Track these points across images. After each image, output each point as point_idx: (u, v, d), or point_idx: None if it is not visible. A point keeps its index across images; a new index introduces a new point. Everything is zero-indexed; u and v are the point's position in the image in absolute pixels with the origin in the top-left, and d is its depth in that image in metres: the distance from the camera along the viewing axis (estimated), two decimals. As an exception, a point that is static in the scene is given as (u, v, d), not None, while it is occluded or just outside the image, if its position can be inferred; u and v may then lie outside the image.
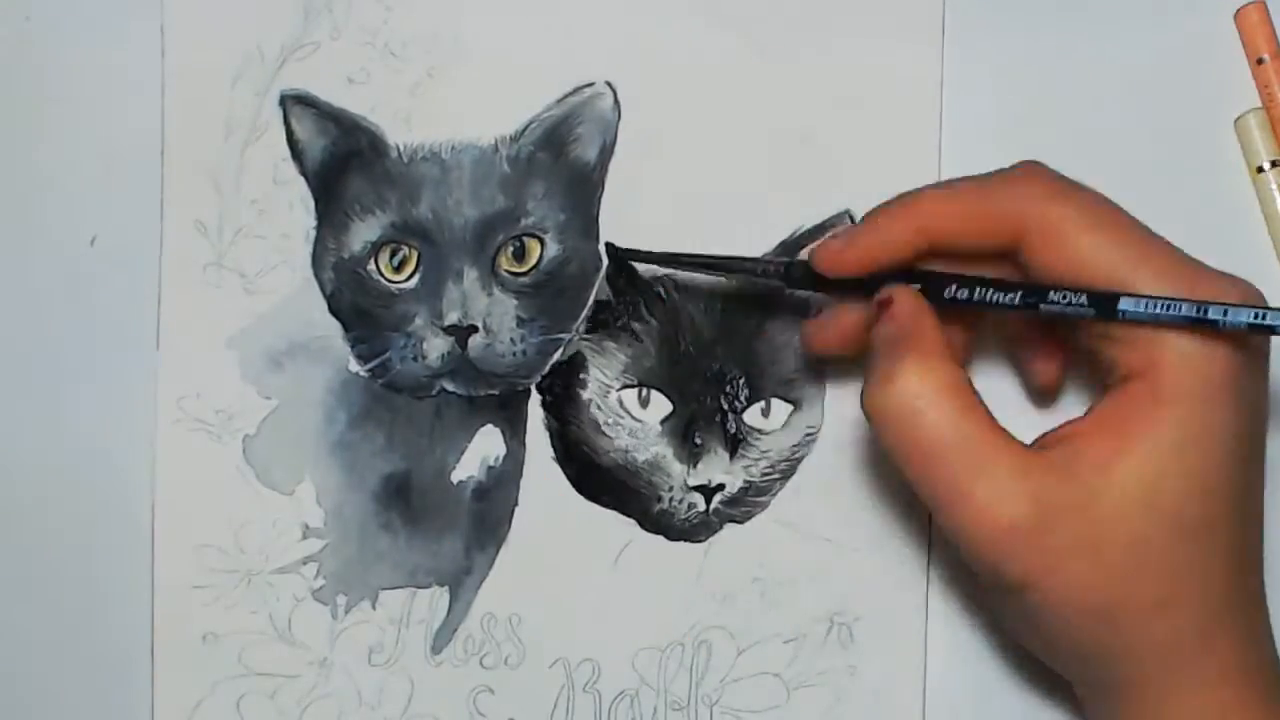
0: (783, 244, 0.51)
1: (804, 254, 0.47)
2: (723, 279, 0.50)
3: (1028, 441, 0.43)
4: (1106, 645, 0.42)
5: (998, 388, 0.49)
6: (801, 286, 0.46)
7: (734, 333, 0.51)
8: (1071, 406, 0.49)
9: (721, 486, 0.51)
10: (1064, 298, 0.42)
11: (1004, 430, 0.41)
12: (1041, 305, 0.42)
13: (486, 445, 0.51)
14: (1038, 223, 0.42)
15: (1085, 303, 0.41)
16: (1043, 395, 0.49)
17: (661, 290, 0.51)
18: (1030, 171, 0.44)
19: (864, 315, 0.45)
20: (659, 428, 0.51)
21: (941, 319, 0.43)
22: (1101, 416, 0.42)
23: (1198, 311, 0.40)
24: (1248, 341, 0.41)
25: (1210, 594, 0.41)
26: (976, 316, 0.47)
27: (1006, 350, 0.50)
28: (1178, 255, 0.42)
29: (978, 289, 0.43)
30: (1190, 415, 0.40)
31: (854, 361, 0.47)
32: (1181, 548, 0.41)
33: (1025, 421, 0.44)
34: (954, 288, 0.43)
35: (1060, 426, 0.43)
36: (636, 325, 0.51)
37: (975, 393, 0.42)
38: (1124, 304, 0.41)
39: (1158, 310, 0.40)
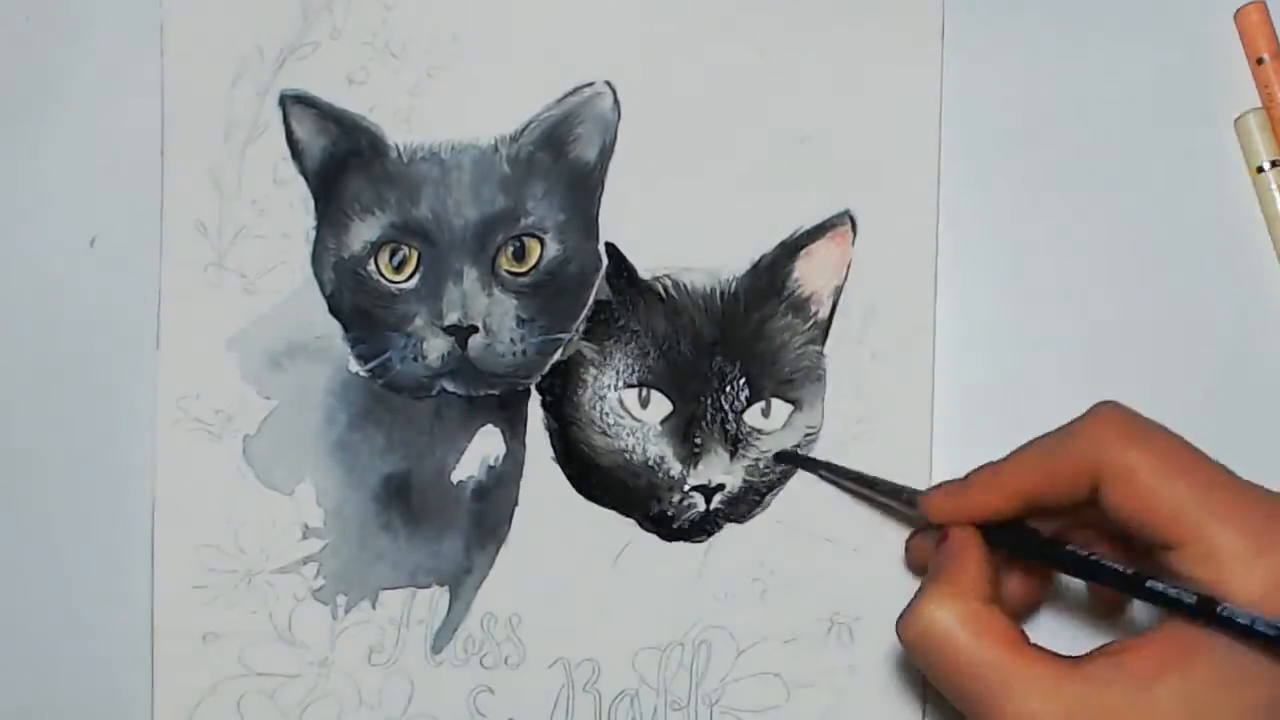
0: (783, 244, 0.51)
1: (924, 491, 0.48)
2: None
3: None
4: None
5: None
6: (920, 515, 0.48)
7: (734, 333, 0.51)
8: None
9: (721, 486, 0.51)
10: (1118, 574, 0.43)
11: (1038, 650, 0.42)
12: (1090, 573, 0.44)
13: (486, 445, 0.51)
14: (1110, 467, 0.42)
15: (1139, 589, 0.42)
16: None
17: (661, 290, 0.51)
18: (1104, 416, 0.44)
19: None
20: (659, 428, 0.51)
21: (1018, 565, 0.47)
22: (1155, 635, 0.41)
23: (1197, 610, 0.40)
24: None
25: None
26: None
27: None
28: (1258, 500, 0.41)
29: (1031, 546, 0.45)
30: (1239, 655, 0.40)
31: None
32: None
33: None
34: (1008, 537, 0.45)
35: (1110, 643, 0.43)
36: (636, 325, 0.51)
37: (1004, 619, 0.42)
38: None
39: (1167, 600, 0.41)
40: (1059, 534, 0.46)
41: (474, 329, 0.50)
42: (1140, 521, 0.42)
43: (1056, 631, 0.50)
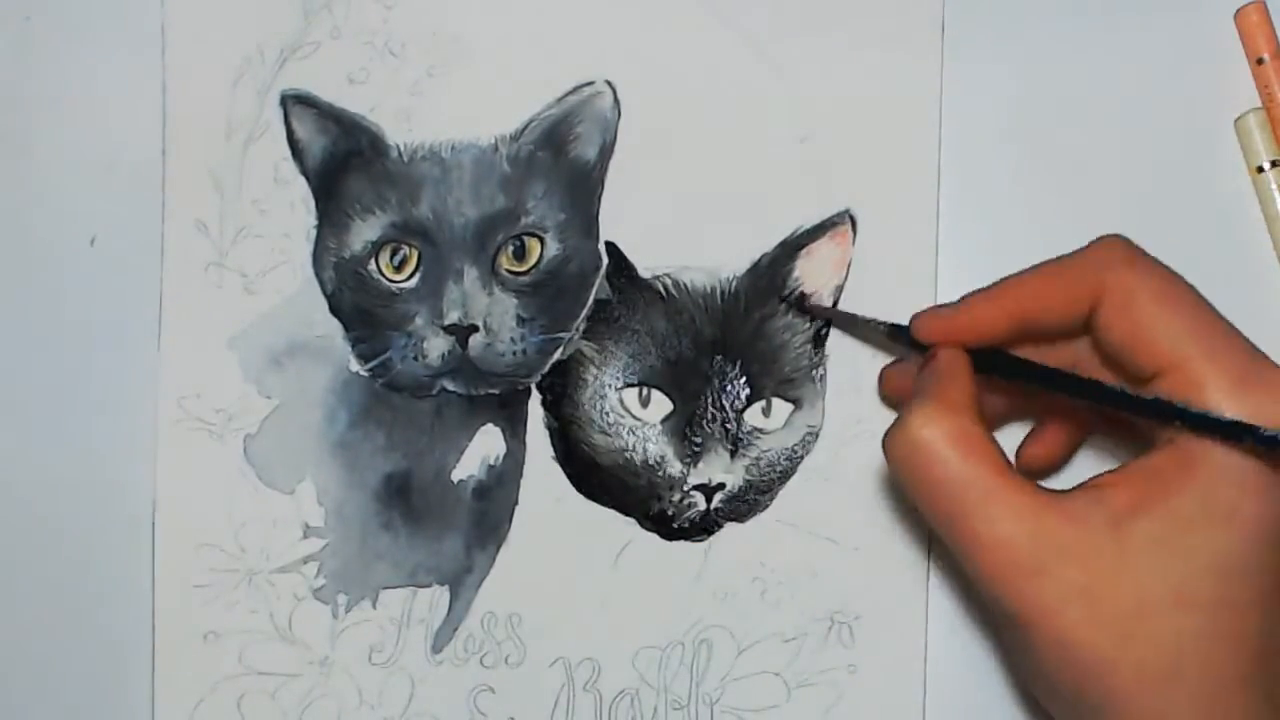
0: (783, 243, 0.51)
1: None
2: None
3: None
4: (1095, 705, 0.41)
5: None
6: (907, 346, 0.47)
7: (734, 332, 0.51)
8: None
9: (722, 486, 0.51)
10: (1113, 391, 0.42)
11: (1016, 476, 0.41)
12: (1090, 393, 0.43)
13: (487, 444, 0.51)
14: (1112, 287, 0.42)
15: (1137, 403, 0.42)
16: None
17: (662, 289, 0.51)
18: (1109, 241, 0.44)
19: None
20: (659, 427, 0.51)
21: (1002, 391, 0.47)
22: (1130, 472, 0.42)
23: (1232, 430, 0.40)
24: None
25: (1212, 675, 0.40)
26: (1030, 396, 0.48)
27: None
28: (1243, 346, 0.42)
29: (1022, 370, 0.45)
30: (1216, 494, 0.40)
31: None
32: (1187, 620, 0.40)
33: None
34: (1000, 361, 0.45)
35: (1095, 476, 0.43)
36: (637, 324, 0.51)
37: (989, 440, 0.42)
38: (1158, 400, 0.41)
39: (1191, 418, 0.40)
40: None
41: (474, 328, 0.50)
42: (1132, 346, 0.42)
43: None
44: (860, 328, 0.50)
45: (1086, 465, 0.50)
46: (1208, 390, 0.40)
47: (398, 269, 0.50)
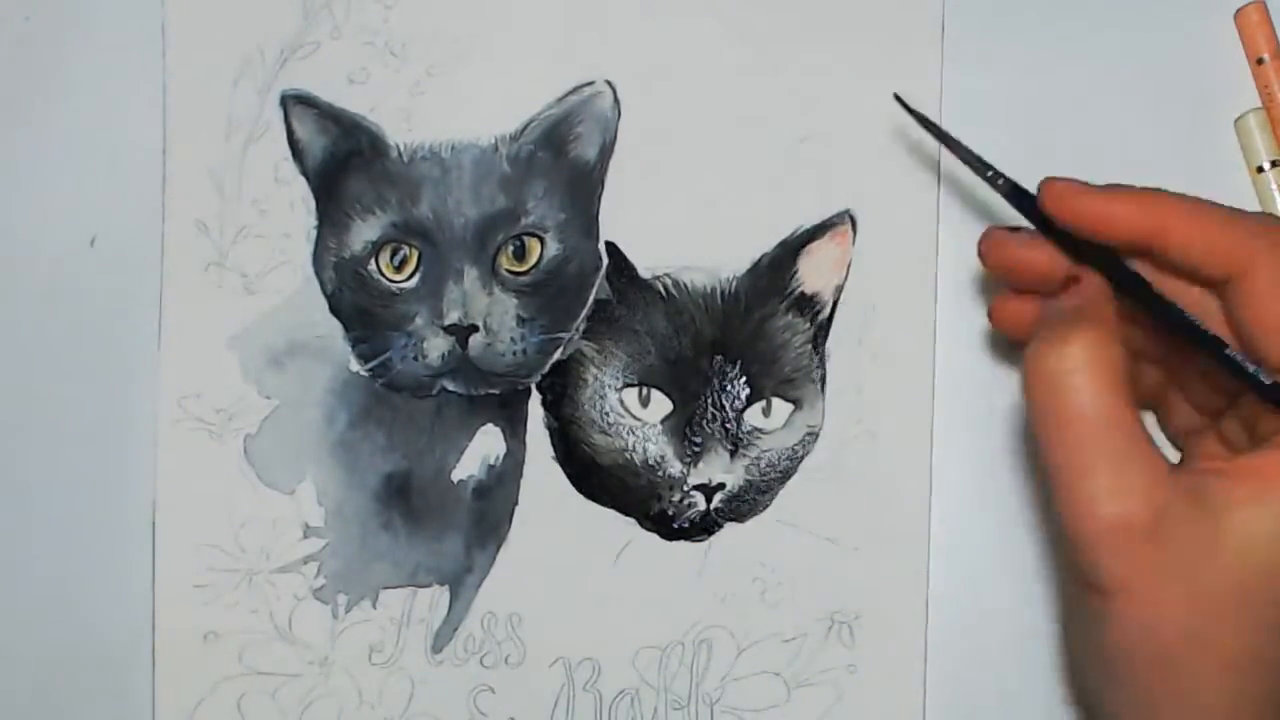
0: (783, 243, 0.51)
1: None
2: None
3: None
4: (1165, 688, 0.40)
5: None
6: (1018, 208, 0.44)
7: (734, 332, 0.51)
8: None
9: (722, 485, 0.51)
10: (1244, 372, 0.41)
11: (1149, 434, 0.40)
12: (1226, 352, 0.41)
13: (487, 444, 0.51)
14: (1268, 265, 0.41)
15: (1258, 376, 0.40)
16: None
17: (662, 289, 0.51)
18: (1277, 221, 0.42)
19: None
20: (659, 427, 0.51)
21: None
22: (1246, 463, 0.40)
23: None
24: None
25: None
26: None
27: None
28: None
29: (1167, 307, 0.42)
30: None
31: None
32: (1276, 615, 0.39)
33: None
34: (1144, 294, 0.42)
35: (1202, 461, 0.42)
36: (637, 324, 0.51)
37: (1133, 389, 0.40)
38: None
39: None
40: None
41: (474, 328, 0.50)
42: (1268, 330, 0.40)
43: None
44: (979, 171, 0.45)
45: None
46: None
47: (398, 269, 0.50)
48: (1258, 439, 0.42)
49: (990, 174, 0.45)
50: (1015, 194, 0.44)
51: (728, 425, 0.51)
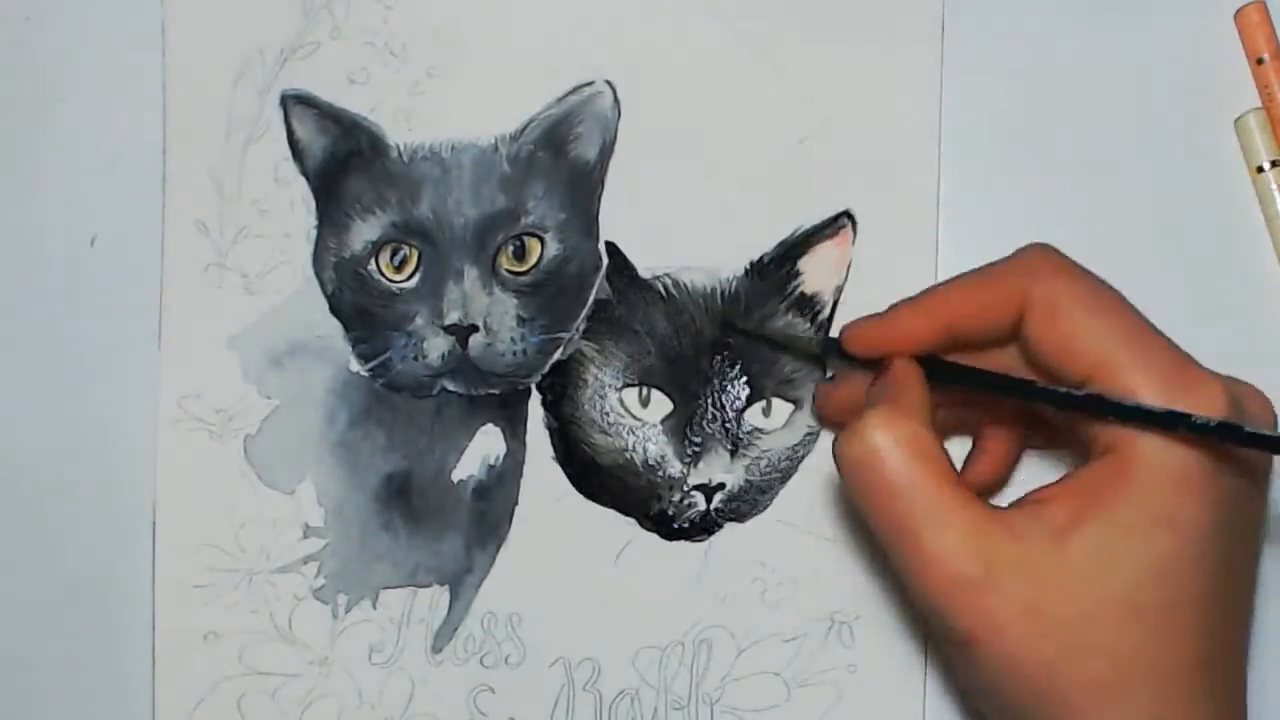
0: (783, 243, 0.51)
1: (835, 331, 0.48)
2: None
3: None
4: (1038, 715, 0.41)
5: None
6: (835, 358, 0.47)
7: (734, 332, 0.51)
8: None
9: (722, 485, 0.51)
10: (1053, 391, 0.42)
11: (966, 489, 0.41)
12: (1027, 393, 0.43)
13: (487, 444, 0.51)
14: (1039, 297, 0.43)
15: (1075, 399, 0.42)
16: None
17: (662, 289, 0.51)
18: (1036, 250, 0.44)
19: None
20: (659, 427, 0.51)
21: (944, 404, 0.46)
22: (1069, 485, 0.42)
23: (1166, 420, 0.40)
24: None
25: (1161, 681, 0.40)
26: (970, 406, 0.48)
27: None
28: (1170, 350, 0.42)
29: (966, 376, 0.45)
30: (1154, 498, 0.40)
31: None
32: (1131, 627, 0.40)
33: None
34: (942, 368, 0.45)
35: (1034, 490, 0.43)
36: (637, 324, 0.51)
37: (942, 452, 0.42)
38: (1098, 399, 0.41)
39: (1126, 412, 0.41)
40: None
41: (474, 328, 0.50)
42: (1060, 355, 0.42)
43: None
44: (793, 344, 0.50)
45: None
46: (1139, 394, 0.40)
47: (398, 269, 0.50)
48: (1082, 447, 0.44)
49: (803, 340, 0.50)
50: (826, 345, 0.48)
51: (728, 425, 0.51)
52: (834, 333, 0.49)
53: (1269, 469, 0.43)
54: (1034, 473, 0.50)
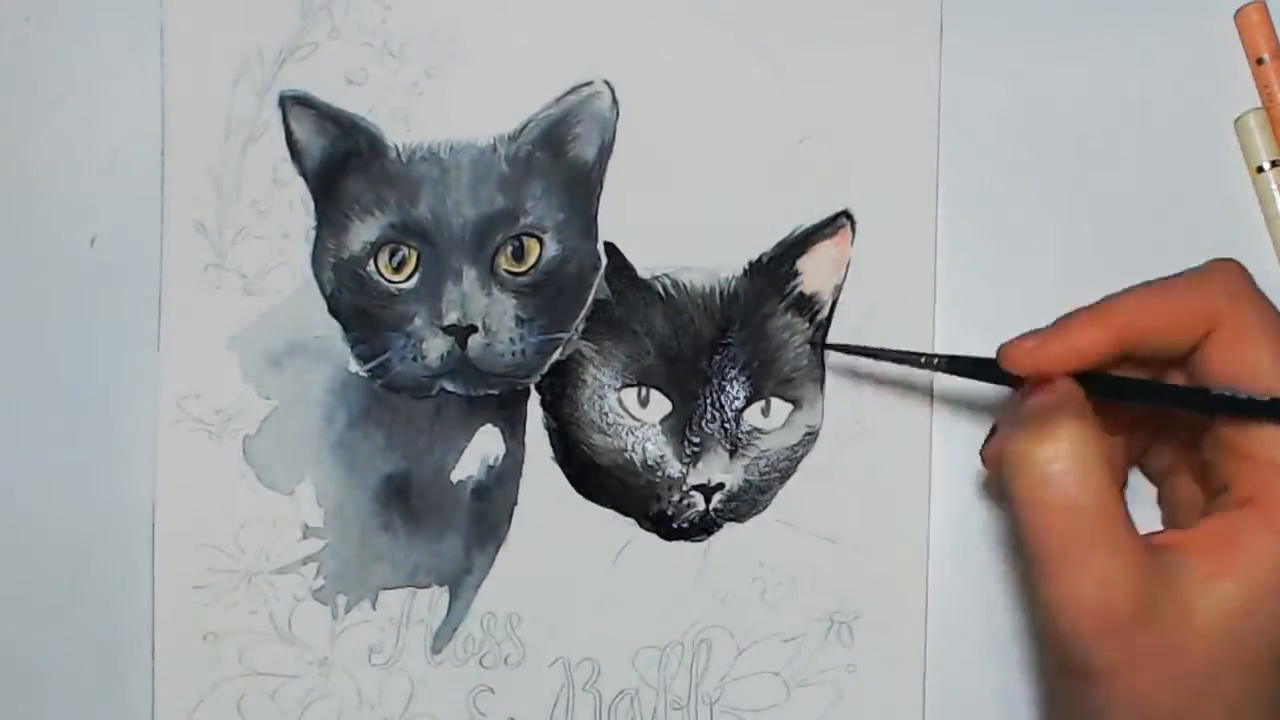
0: (782, 243, 0.51)
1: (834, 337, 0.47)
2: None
3: None
4: None
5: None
6: (987, 380, 0.45)
7: (733, 332, 0.51)
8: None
9: (721, 486, 0.51)
10: (1233, 398, 0.41)
11: (1131, 520, 0.40)
12: (1211, 395, 0.42)
13: (486, 445, 0.51)
14: (1230, 319, 0.41)
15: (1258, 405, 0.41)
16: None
17: (661, 289, 0.51)
18: (1228, 268, 0.43)
19: None
20: (658, 427, 0.51)
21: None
22: (1210, 532, 0.40)
23: None
24: None
25: None
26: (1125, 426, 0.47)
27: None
28: None
29: (1134, 389, 0.43)
30: None
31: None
32: (1254, 685, 0.40)
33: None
34: (1105, 384, 0.43)
35: (1167, 533, 0.42)
36: (636, 325, 0.51)
37: (1113, 472, 0.40)
38: None
39: None
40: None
41: (473, 329, 0.50)
42: (1235, 379, 0.41)
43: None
44: (909, 361, 0.46)
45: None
46: None
47: (397, 270, 0.50)
48: (1213, 489, 0.43)
49: (924, 357, 0.46)
50: (956, 365, 0.45)
51: (727, 425, 0.51)
52: (832, 338, 0.49)
53: None
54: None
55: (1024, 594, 0.50)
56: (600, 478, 0.51)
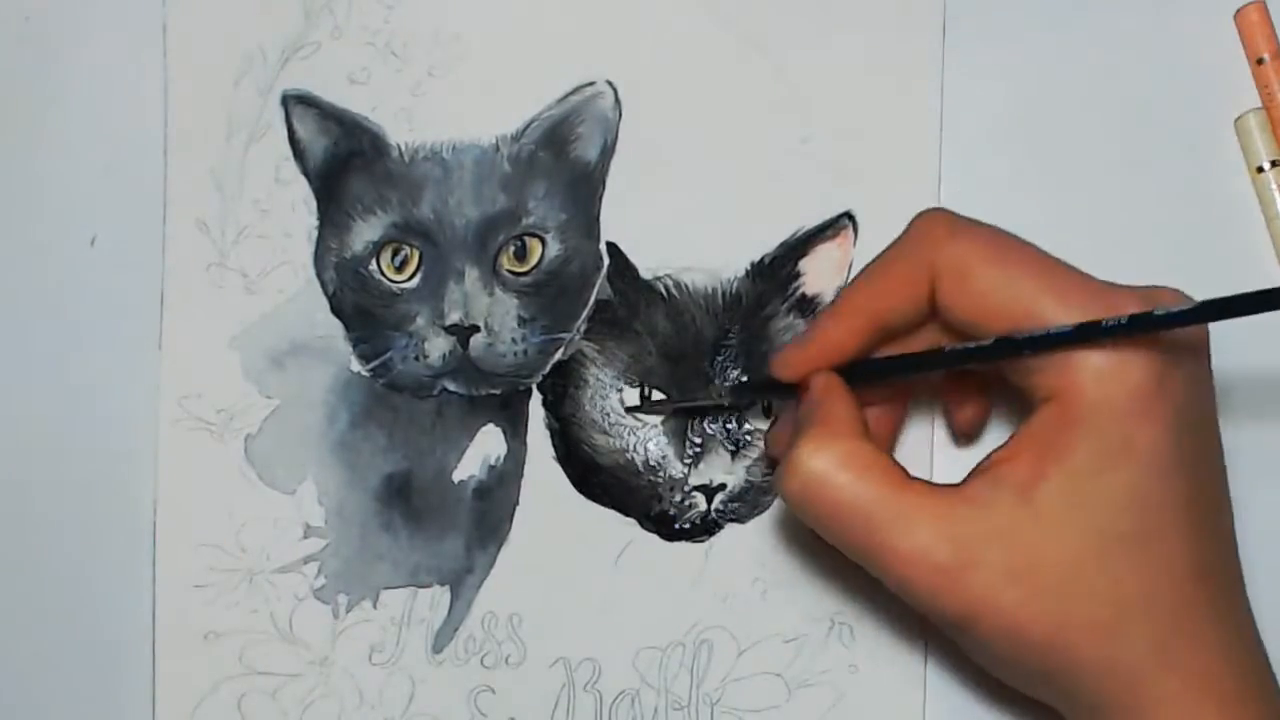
0: (784, 244, 0.51)
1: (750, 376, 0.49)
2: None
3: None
4: (1063, 671, 0.41)
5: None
6: (778, 396, 0.48)
7: (735, 333, 0.51)
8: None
9: (723, 486, 0.51)
10: (964, 349, 0.43)
11: (918, 481, 0.42)
12: (946, 355, 0.43)
13: (487, 445, 0.51)
14: (945, 264, 0.42)
15: (986, 349, 0.42)
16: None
17: (663, 290, 0.51)
18: (929, 218, 0.44)
19: None
20: (660, 427, 0.51)
21: (878, 400, 0.47)
22: (1020, 442, 0.42)
23: (1080, 335, 0.40)
24: (1172, 348, 0.40)
25: (1159, 608, 0.41)
26: (905, 392, 0.49)
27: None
28: (1083, 279, 0.42)
29: (891, 366, 0.45)
30: (1105, 431, 0.40)
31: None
32: (1118, 564, 0.40)
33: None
34: (870, 365, 0.45)
35: (986, 456, 0.43)
36: (638, 325, 0.51)
37: (880, 454, 0.42)
38: (1014, 340, 0.41)
39: (1044, 342, 0.40)
40: None
41: (475, 329, 0.50)
42: (977, 314, 0.42)
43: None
44: (710, 400, 0.50)
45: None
46: (1056, 325, 0.40)
47: (399, 269, 0.50)
48: (1029, 406, 0.43)
49: (715, 391, 0.50)
50: (740, 391, 0.50)
51: (728, 426, 0.51)
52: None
53: (1210, 374, 0.43)
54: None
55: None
56: (602, 478, 0.51)
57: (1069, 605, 0.40)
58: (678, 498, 0.51)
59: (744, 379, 0.50)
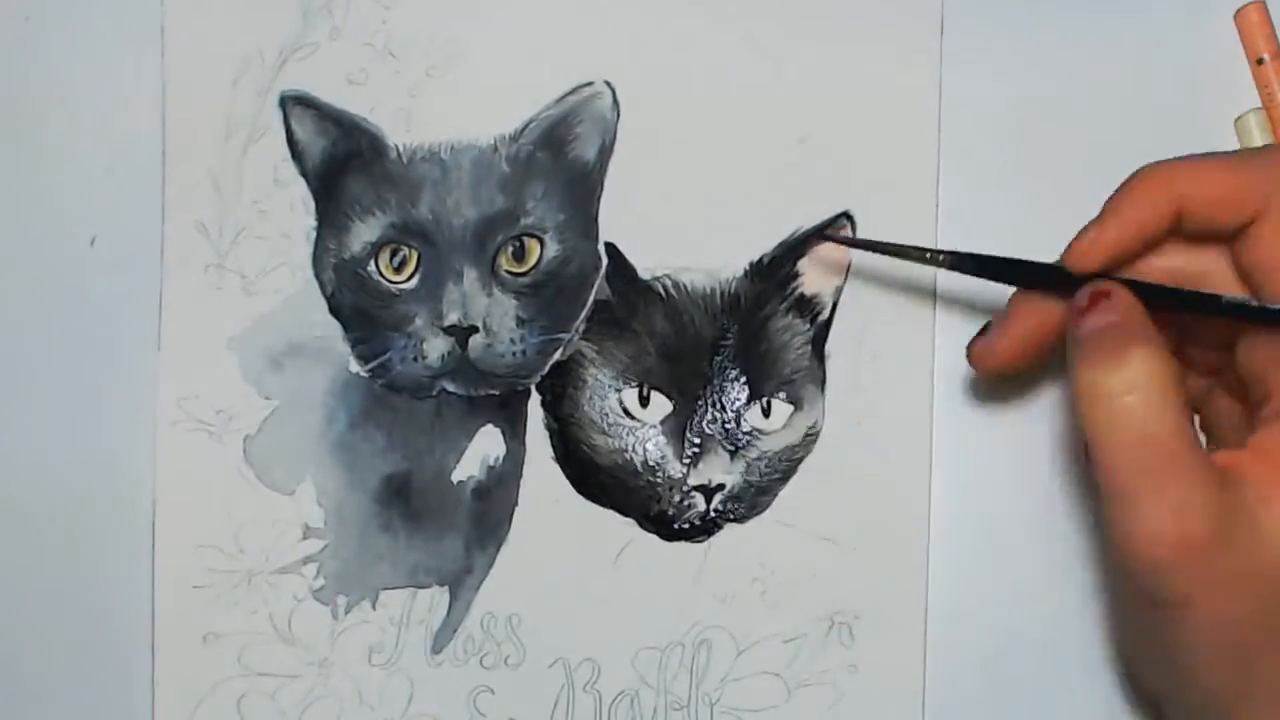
0: (783, 244, 0.51)
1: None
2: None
3: None
4: (1233, 686, 0.40)
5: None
6: (1050, 289, 0.44)
7: (734, 332, 0.51)
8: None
9: (722, 486, 0.51)
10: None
11: (1200, 443, 0.39)
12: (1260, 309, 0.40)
13: (486, 445, 0.51)
14: (1277, 207, 0.40)
15: None
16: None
17: (661, 290, 0.51)
18: None
19: (1048, 318, 0.44)
20: (659, 427, 0.51)
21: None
22: (1259, 451, 0.40)
23: None
24: None
25: None
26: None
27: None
28: None
29: (1181, 299, 0.42)
30: None
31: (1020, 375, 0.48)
32: None
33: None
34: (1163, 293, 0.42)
35: (1219, 454, 0.41)
36: (636, 325, 0.51)
37: (1184, 397, 0.40)
38: None
39: None
40: None
41: (474, 329, 0.50)
42: (1262, 277, 0.40)
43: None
44: (913, 256, 0.46)
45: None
46: None
47: (397, 270, 0.50)
48: (1254, 402, 0.42)
49: (929, 255, 0.46)
50: (959, 259, 0.45)
51: (727, 426, 0.51)
52: (833, 338, 0.49)
53: None
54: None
55: (1024, 594, 0.50)
56: (601, 478, 0.51)
57: (1273, 624, 0.39)
58: (677, 498, 0.51)
59: (981, 254, 0.45)
